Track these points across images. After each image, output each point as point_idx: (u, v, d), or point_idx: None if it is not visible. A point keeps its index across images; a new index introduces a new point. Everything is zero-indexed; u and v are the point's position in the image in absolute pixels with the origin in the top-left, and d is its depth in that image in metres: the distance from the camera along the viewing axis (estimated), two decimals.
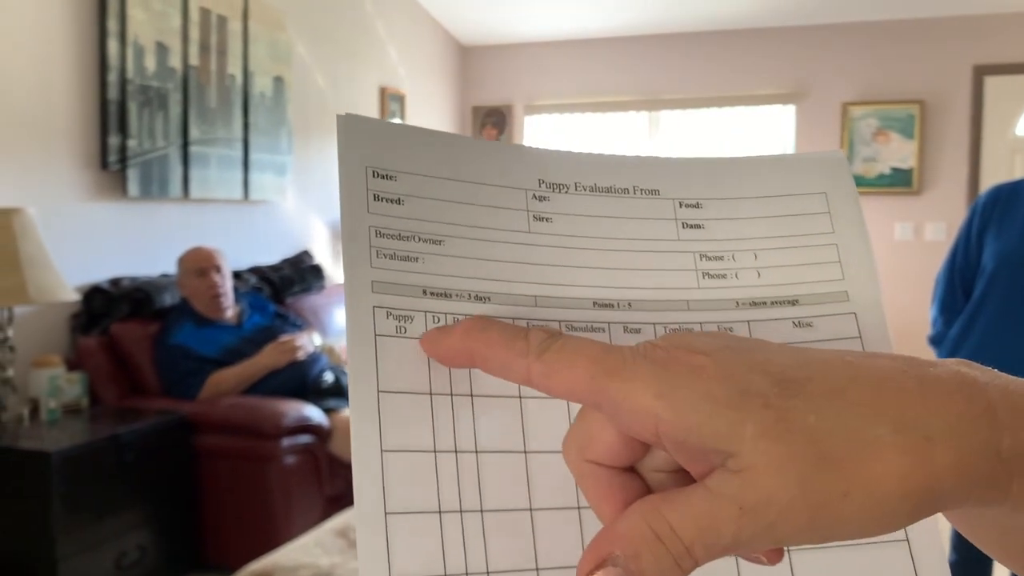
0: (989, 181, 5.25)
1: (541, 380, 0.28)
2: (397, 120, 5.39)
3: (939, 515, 0.27)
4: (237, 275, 3.68)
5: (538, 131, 6.30)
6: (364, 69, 5.09)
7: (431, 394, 0.31)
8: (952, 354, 2.18)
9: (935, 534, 0.33)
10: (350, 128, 0.33)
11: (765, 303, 0.35)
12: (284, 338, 3.25)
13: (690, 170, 0.38)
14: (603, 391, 0.26)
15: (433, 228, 0.33)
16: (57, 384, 2.74)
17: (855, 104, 5.52)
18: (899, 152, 5.45)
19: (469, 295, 0.32)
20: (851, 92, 5.55)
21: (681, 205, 0.36)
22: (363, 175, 0.33)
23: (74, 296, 2.77)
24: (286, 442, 2.88)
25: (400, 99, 5.46)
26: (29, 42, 2.96)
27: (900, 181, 5.46)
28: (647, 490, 0.28)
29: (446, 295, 0.32)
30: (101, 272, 3.25)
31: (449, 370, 0.31)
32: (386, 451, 0.29)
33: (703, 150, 5.94)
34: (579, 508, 0.31)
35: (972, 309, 2.13)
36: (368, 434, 0.29)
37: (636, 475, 0.28)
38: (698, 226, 0.36)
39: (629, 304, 0.34)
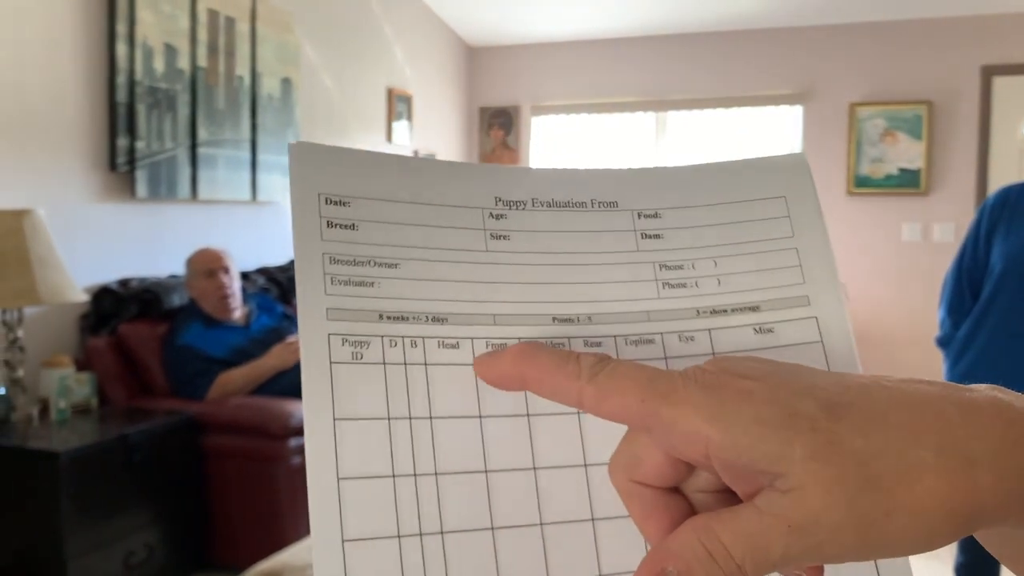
0: (997, 182, 5.24)
1: (592, 403, 0.29)
2: (403, 123, 5.40)
3: None
4: (245, 276, 3.69)
5: (545, 132, 6.30)
6: (371, 70, 5.10)
7: (389, 419, 0.31)
8: (960, 356, 2.18)
9: None
10: (302, 155, 0.33)
11: (726, 311, 0.35)
12: (292, 339, 3.26)
13: (649, 180, 0.37)
14: (654, 414, 0.27)
15: (389, 252, 0.33)
16: (66, 384, 2.75)
17: (863, 104, 5.51)
18: (907, 153, 5.44)
19: (426, 317, 0.32)
20: (859, 92, 5.54)
21: (640, 216, 0.36)
22: (316, 202, 0.33)
23: (83, 297, 2.78)
24: (293, 442, 2.89)
25: (407, 100, 5.47)
26: (39, 45, 2.98)
27: (908, 182, 5.44)
28: (691, 510, 0.29)
29: (403, 318, 0.32)
30: (110, 273, 3.27)
31: (407, 393, 0.31)
32: (343, 479, 0.29)
33: (710, 151, 5.94)
34: (541, 524, 0.31)
35: (980, 310, 2.13)
36: (324, 463, 0.29)
37: (681, 496, 0.29)
38: (657, 236, 0.36)
39: (589, 318, 0.34)
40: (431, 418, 0.31)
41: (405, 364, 0.32)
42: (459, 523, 0.30)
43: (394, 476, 0.30)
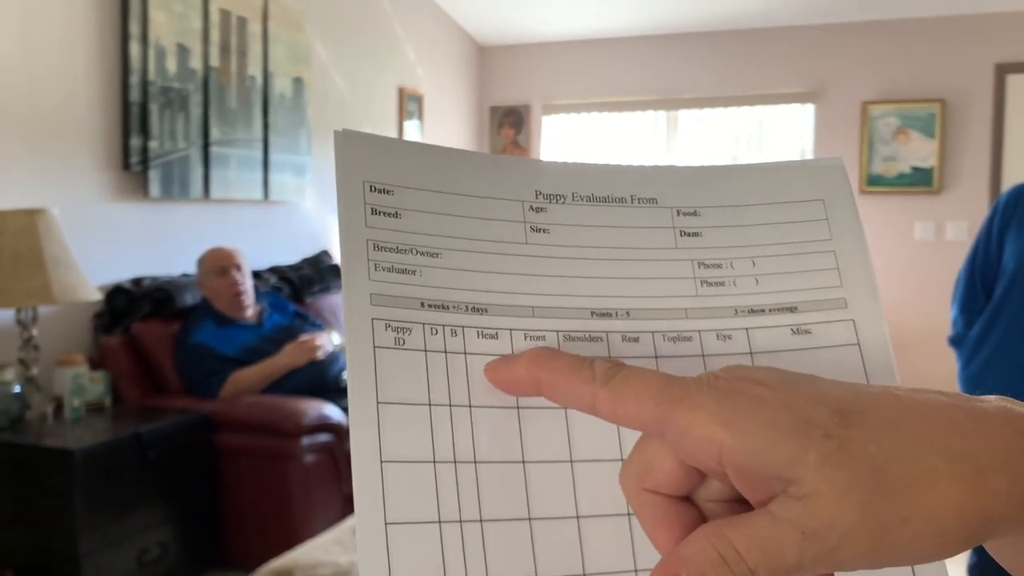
0: (1011, 180, 5.20)
1: (606, 407, 0.29)
2: (415, 123, 5.41)
3: None
4: (257, 275, 3.70)
5: (556, 131, 6.30)
6: (382, 69, 5.11)
7: (430, 405, 0.31)
8: (973, 355, 2.17)
9: None
10: (348, 143, 0.34)
11: (763, 310, 0.35)
12: (304, 337, 3.27)
13: (688, 178, 0.38)
14: (668, 419, 0.27)
15: (430, 241, 0.33)
16: (80, 383, 2.76)
17: (875, 103, 5.49)
18: (920, 151, 5.41)
19: (466, 307, 0.33)
20: (871, 91, 5.52)
21: (679, 213, 0.37)
22: (360, 189, 0.33)
23: (97, 296, 2.80)
24: (306, 441, 2.90)
25: (418, 99, 5.48)
26: (53, 46, 3.00)
27: (921, 180, 5.42)
28: (702, 519, 0.29)
29: (443, 307, 0.33)
30: (123, 272, 3.28)
31: (448, 381, 0.31)
32: (385, 462, 0.30)
33: (721, 149, 5.93)
34: (578, 518, 0.32)
35: (993, 309, 2.12)
36: (368, 445, 0.30)
37: (693, 505, 0.29)
38: (696, 234, 0.36)
39: (627, 313, 0.34)
40: (471, 406, 0.31)
41: (446, 352, 0.32)
42: (497, 512, 0.31)
43: (435, 462, 0.30)
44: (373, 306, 0.32)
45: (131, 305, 3.17)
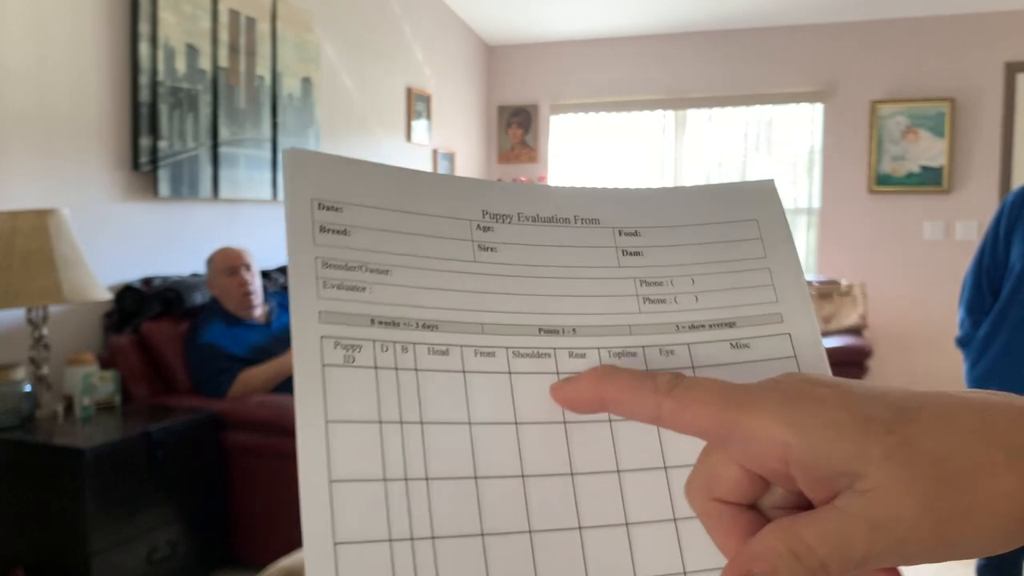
0: (1021, 179, 5.19)
1: (671, 416, 0.30)
2: (423, 122, 5.41)
3: None
4: (266, 275, 3.72)
5: (564, 130, 6.30)
6: (391, 69, 5.12)
7: (380, 422, 0.31)
8: (980, 355, 2.16)
9: None
10: (297, 162, 0.34)
11: (704, 326, 0.36)
12: None
13: (628, 200, 0.39)
14: (733, 423, 0.28)
15: (380, 258, 0.34)
16: (90, 382, 2.78)
17: (884, 102, 5.47)
18: (929, 150, 5.40)
19: (417, 323, 0.33)
20: (880, 90, 5.50)
21: (620, 233, 0.38)
22: (309, 207, 0.33)
23: (107, 295, 2.82)
24: None
25: (426, 99, 5.48)
26: (63, 47, 3.01)
27: (930, 180, 5.40)
28: None
29: (394, 324, 0.33)
30: (132, 272, 3.30)
31: (399, 397, 0.31)
32: (335, 481, 0.29)
33: (730, 149, 5.91)
34: (530, 532, 0.32)
35: (999, 310, 2.11)
36: (317, 465, 0.29)
37: (758, 512, 0.30)
38: (637, 253, 0.37)
39: (574, 330, 0.35)
40: (422, 423, 0.31)
41: (396, 369, 0.32)
42: (449, 528, 0.31)
43: (385, 480, 0.30)
44: (322, 324, 0.32)
45: (141, 305, 3.19)
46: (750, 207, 0.39)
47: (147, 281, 3.29)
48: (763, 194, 0.40)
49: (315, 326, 0.31)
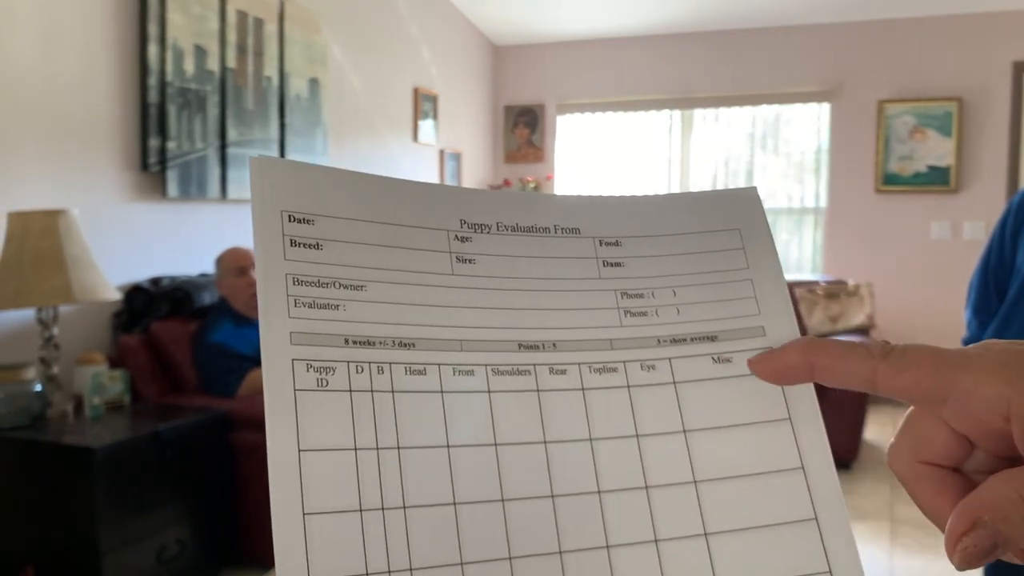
0: None
1: (887, 379, 0.31)
2: (429, 122, 5.42)
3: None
4: None
5: (570, 130, 6.30)
6: (398, 70, 5.13)
7: (355, 450, 0.30)
8: None
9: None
10: (265, 170, 0.33)
11: (685, 340, 0.36)
12: None
13: (609, 208, 0.38)
14: (952, 381, 0.29)
15: (354, 273, 0.32)
16: (100, 381, 2.80)
17: (891, 102, 5.46)
18: (936, 150, 5.39)
19: (393, 342, 0.32)
20: (887, 89, 5.49)
21: (601, 243, 0.37)
22: (279, 219, 0.32)
23: (116, 295, 2.83)
24: None
25: (433, 99, 5.49)
26: (72, 48, 3.03)
27: (937, 179, 5.39)
28: (974, 488, 0.31)
29: (369, 343, 0.31)
30: (141, 272, 3.32)
31: (375, 423, 0.30)
32: (308, 514, 0.28)
33: (736, 149, 5.91)
34: (510, 559, 0.30)
35: (1006, 311, 2.11)
36: (289, 496, 0.28)
37: (963, 475, 0.31)
38: (618, 264, 0.37)
39: (554, 345, 0.34)
40: (399, 448, 0.30)
41: (372, 391, 0.31)
42: (428, 559, 0.29)
43: (361, 511, 0.29)
44: (293, 345, 0.30)
45: (150, 305, 3.21)
46: (733, 216, 0.38)
47: (156, 281, 3.31)
48: (746, 202, 0.39)
49: (286, 348, 0.30)
